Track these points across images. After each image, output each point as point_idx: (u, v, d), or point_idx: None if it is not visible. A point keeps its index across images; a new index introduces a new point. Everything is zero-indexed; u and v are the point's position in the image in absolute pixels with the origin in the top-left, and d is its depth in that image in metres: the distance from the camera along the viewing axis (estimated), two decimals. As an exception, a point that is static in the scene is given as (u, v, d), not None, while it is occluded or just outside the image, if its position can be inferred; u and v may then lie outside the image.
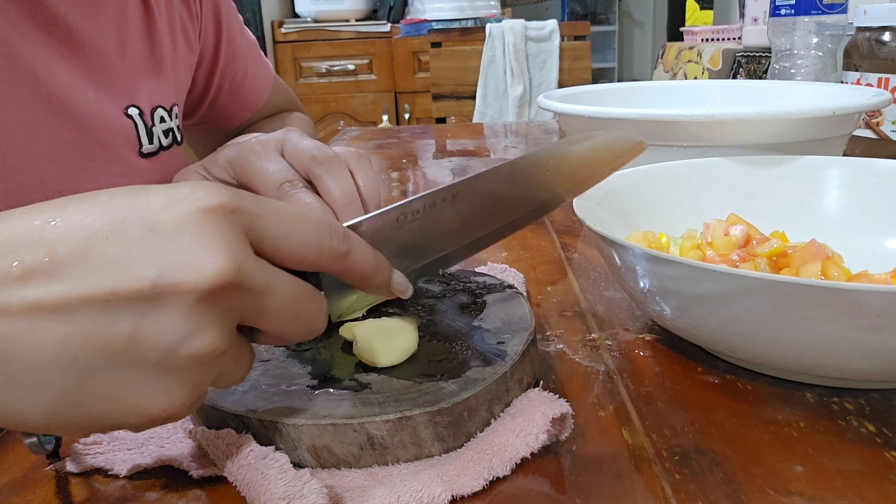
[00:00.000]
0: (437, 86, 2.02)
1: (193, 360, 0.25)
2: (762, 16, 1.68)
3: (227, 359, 0.27)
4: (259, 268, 0.26)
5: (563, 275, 0.54)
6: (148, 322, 0.24)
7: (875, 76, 0.88)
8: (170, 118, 0.60)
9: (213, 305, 0.25)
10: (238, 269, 0.25)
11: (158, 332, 0.24)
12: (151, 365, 0.24)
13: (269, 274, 0.27)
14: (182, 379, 0.25)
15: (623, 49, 4.68)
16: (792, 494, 0.29)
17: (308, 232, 0.28)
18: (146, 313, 0.24)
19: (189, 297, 0.24)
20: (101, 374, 0.24)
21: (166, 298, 0.24)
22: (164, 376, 0.25)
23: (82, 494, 0.31)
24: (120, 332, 0.24)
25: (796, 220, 0.51)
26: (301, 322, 0.28)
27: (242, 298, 0.26)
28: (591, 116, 0.61)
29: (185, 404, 0.26)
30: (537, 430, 0.30)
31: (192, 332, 0.24)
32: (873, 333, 0.30)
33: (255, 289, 0.26)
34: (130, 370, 0.24)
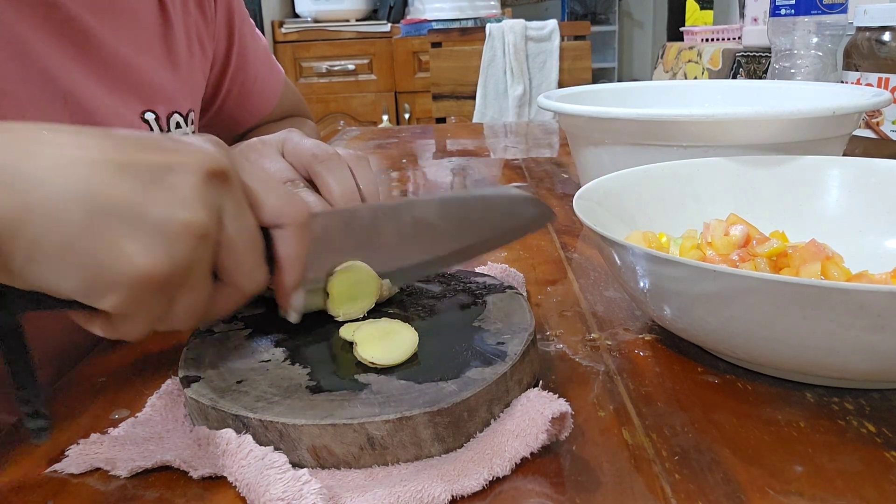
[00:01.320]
0: (437, 86, 2.02)
1: (186, 228, 0.29)
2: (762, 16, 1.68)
3: (202, 258, 0.30)
4: (239, 183, 0.32)
5: (563, 275, 0.54)
6: (157, 186, 0.29)
7: (875, 76, 0.88)
8: (186, 124, 0.60)
9: (211, 190, 0.30)
10: (228, 165, 0.31)
11: (163, 196, 0.29)
12: (150, 223, 0.28)
13: (243, 197, 0.32)
14: (170, 246, 0.29)
15: (623, 49, 4.68)
16: (792, 494, 0.29)
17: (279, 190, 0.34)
18: (157, 179, 0.29)
19: (195, 176, 0.29)
20: (108, 218, 0.28)
21: (176, 172, 0.29)
22: (157, 238, 0.28)
23: (82, 494, 0.31)
24: (132, 189, 0.28)
25: (796, 220, 0.51)
26: (250, 258, 0.33)
27: (225, 197, 0.31)
28: (591, 116, 0.61)
29: (163, 272, 0.29)
30: (537, 430, 0.30)
31: (190, 204, 0.29)
32: (873, 333, 0.30)
33: (235, 193, 0.32)
34: (131, 223, 0.28)
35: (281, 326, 0.40)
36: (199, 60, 0.65)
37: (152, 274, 0.28)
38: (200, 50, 0.65)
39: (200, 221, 0.29)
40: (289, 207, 0.34)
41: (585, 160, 0.68)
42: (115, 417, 0.36)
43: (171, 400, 0.37)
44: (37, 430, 0.31)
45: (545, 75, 2.01)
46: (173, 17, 0.60)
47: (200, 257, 0.30)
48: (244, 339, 0.39)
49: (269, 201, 0.34)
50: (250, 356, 0.37)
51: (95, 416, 0.37)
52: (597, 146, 0.64)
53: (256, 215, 0.33)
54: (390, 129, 1.45)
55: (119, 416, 0.36)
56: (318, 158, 0.44)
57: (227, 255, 0.32)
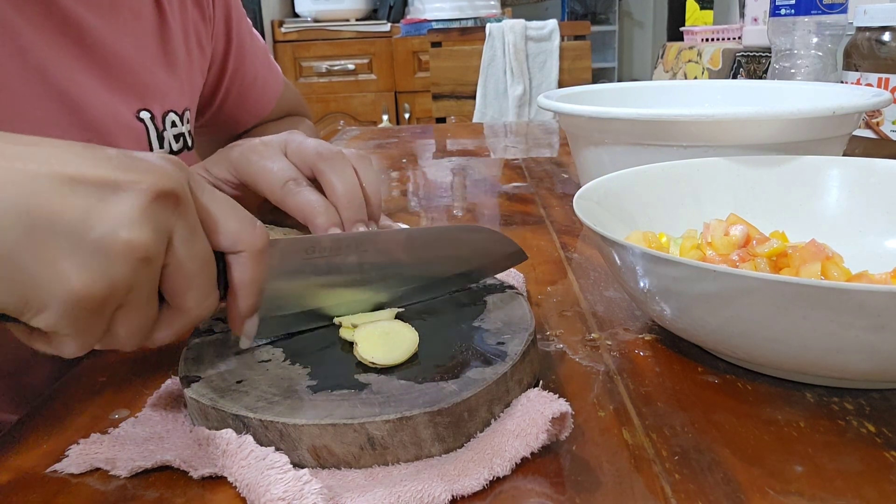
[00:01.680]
0: (437, 85, 2.02)
1: (127, 249, 0.28)
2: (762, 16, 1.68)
3: (145, 280, 0.29)
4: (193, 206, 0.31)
5: (563, 275, 0.54)
6: (102, 204, 0.28)
7: (875, 76, 0.88)
8: (181, 123, 0.60)
9: (159, 212, 0.29)
10: (180, 187, 0.30)
11: (107, 214, 0.28)
12: (90, 241, 0.28)
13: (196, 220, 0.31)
14: (108, 267, 0.28)
15: (623, 49, 4.68)
16: (792, 494, 0.29)
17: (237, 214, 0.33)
18: (104, 197, 0.28)
19: (143, 196, 0.29)
20: (47, 234, 0.27)
21: (124, 190, 0.28)
22: (95, 257, 0.28)
23: (82, 494, 0.31)
24: (75, 206, 0.27)
25: (796, 220, 0.51)
26: (200, 282, 0.32)
27: (175, 219, 0.30)
28: (591, 116, 0.61)
29: (100, 292, 0.28)
30: (537, 430, 0.30)
31: (134, 223, 0.28)
32: (873, 333, 0.30)
33: (188, 216, 0.31)
34: (71, 240, 0.27)
35: (280, 326, 0.40)
36: (197, 60, 0.65)
37: (88, 294, 0.28)
38: (199, 49, 0.65)
39: (143, 243, 0.28)
40: (247, 233, 0.33)
41: (585, 160, 0.68)
42: (115, 417, 0.36)
43: (171, 400, 0.37)
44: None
45: (545, 75, 2.01)
46: (170, 17, 0.60)
47: (142, 279, 0.29)
48: (244, 339, 0.39)
49: (227, 226, 0.33)
50: (250, 356, 0.37)
51: (95, 416, 0.37)
52: (597, 146, 0.64)
53: (213, 239, 0.33)
54: (390, 128, 1.45)
55: (119, 416, 0.36)
56: (323, 157, 0.44)
57: (176, 279, 0.31)
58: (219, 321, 0.41)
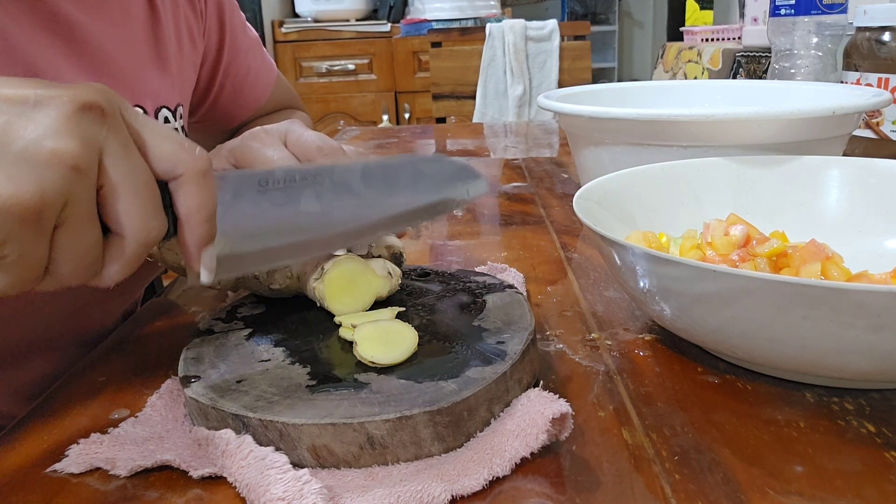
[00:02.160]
0: (437, 86, 2.02)
1: (52, 156, 0.27)
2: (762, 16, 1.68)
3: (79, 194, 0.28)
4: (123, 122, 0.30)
5: (563, 275, 0.54)
6: (23, 119, 0.27)
7: (875, 76, 0.88)
8: (174, 118, 0.60)
9: (84, 123, 0.28)
10: (105, 101, 0.29)
11: (29, 126, 0.27)
12: (14, 153, 0.27)
13: (129, 137, 0.30)
14: (37, 174, 0.27)
15: (623, 49, 4.68)
16: (792, 494, 0.29)
17: (174, 138, 0.32)
18: (23, 113, 0.27)
19: (66, 107, 0.28)
20: None
21: (45, 104, 0.28)
22: (20, 164, 0.27)
23: (82, 494, 0.31)
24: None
25: (796, 220, 0.51)
26: (138, 202, 0.30)
27: (108, 133, 0.29)
28: (591, 116, 0.61)
29: (31, 201, 0.27)
30: (537, 430, 0.30)
31: (59, 132, 0.27)
32: (873, 333, 0.30)
33: (117, 129, 0.30)
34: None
35: (281, 326, 0.40)
36: (189, 54, 0.65)
37: (19, 202, 0.26)
38: (190, 44, 0.65)
39: (71, 150, 0.27)
40: (184, 154, 0.32)
41: (585, 160, 0.68)
42: (115, 417, 0.36)
43: (171, 400, 0.37)
44: None
45: (545, 75, 2.01)
46: (162, 12, 0.60)
47: (76, 192, 0.28)
48: (244, 339, 0.39)
49: (163, 148, 0.31)
50: (250, 356, 0.37)
51: (95, 416, 0.37)
52: (597, 146, 0.64)
53: (148, 164, 0.31)
54: (390, 128, 1.45)
55: (119, 416, 0.36)
56: (323, 151, 0.44)
57: (113, 199, 0.30)
58: (218, 321, 0.41)
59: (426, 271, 0.47)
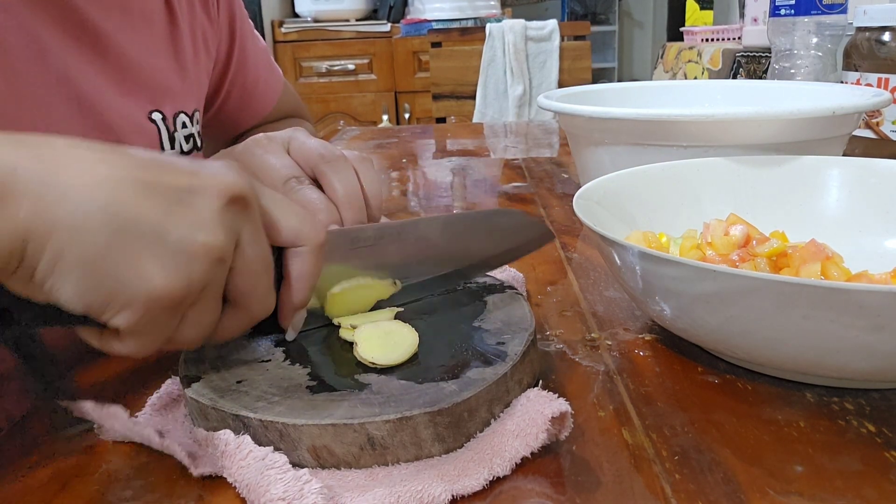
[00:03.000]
0: (437, 86, 2.02)
1: (203, 250, 0.29)
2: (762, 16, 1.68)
3: (216, 280, 0.31)
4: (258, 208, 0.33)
5: (563, 275, 0.54)
6: (181, 208, 0.29)
7: (875, 76, 0.88)
8: (191, 124, 0.61)
9: (230, 215, 0.31)
10: (248, 190, 0.32)
11: (185, 217, 0.29)
12: (171, 243, 0.29)
13: (260, 221, 0.33)
14: (186, 267, 0.29)
15: (623, 49, 4.68)
16: (792, 494, 0.29)
17: (298, 213, 0.35)
18: (180, 200, 0.30)
19: (217, 200, 0.30)
20: (130, 235, 0.28)
21: (198, 195, 0.30)
22: (175, 258, 0.29)
23: (82, 494, 0.31)
24: (155, 208, 0.29)
25: (796, 220, 0.51)
26: (261, 281, 0.33)
27: (243, 221, 0.31)
28: (591, 116, 0.61)
29: (178, 292, 0.29)
30: (537, 429, 0.30)
31: (210, 227, 0.30)
32: (873, 333, 0.30)
33: (253, 218, 0.32)
34: (153, 241, 0.29)
35: (281, 327, 0.40)
36: (203, 61, 0.65)
37: (169, 293, 0.29)
38: (205, 50, 0.65)
39: (219, 244, 0.30)
40: (308, 229, 0.35)
41: (585, 160, 0.68)
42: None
43: (171, 400, 0.37)
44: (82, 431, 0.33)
45: (545, 75, 2.01)
46: (180, 18, 0.60)
47: (215, 279, 0.31)
48: (244, 339, 0.39)
49: (289, 222, 0.34)
50: (250, 356, 0.37)
51: (95, 416, 0.37)
52: (597, 146, 0.64)
53: (274, 236, 0.34)
54: (390, 128, 1.45)
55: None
56: (325, 159, 0.45)
57: (241, 279, 0.32)
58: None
59: (426, 271, 0.47)
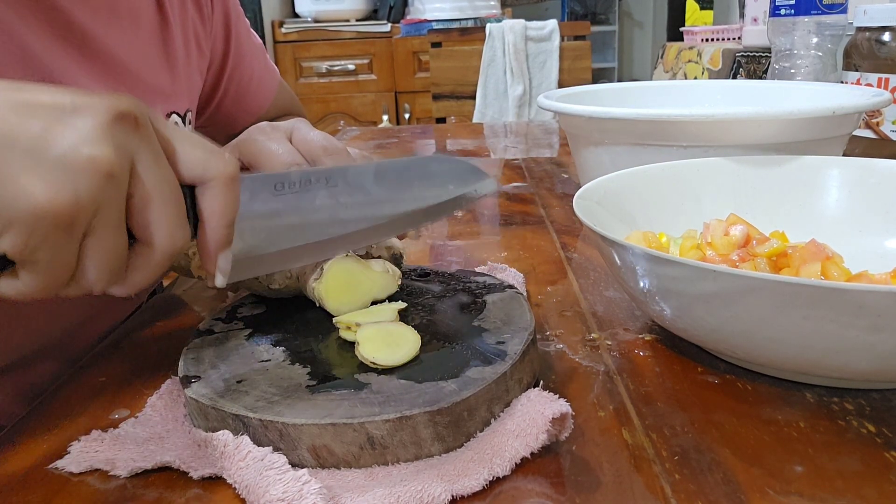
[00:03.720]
0: (437, 86, 2.02)
1: (88, 163, 0.28)
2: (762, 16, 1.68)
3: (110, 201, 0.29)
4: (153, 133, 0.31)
5: (563, 275, 0.54)
6: (61, 125, 0.28)
7: (875, 76, 0.88)
8: (184, 123, 0.61)
9: (119, 132, 0.29)
10: (138, 110, 0.30)
11: (67, 132, 0.28)
12: (52, 157, 0.27)
13: (159, 147, 0.31)
14: (73, 180, 0.27)
15: (623, 49, 4.68)
16: (792, 494, 0.29)
17: (204, 145, 0.33)
18: (62, 119, 0.28)
19: (102, 115, 0.28)
20: (6, 152, 0.27)
21: (82, 111, 0.28)
22: (58, 170, 0.27)
23: (82, 494, 0.31)
24: (34, 126, 0.27)
25: (796, 220, 0.51)
26: (168, 212, 0.31)
27: (136, 140, 0.30)
28: (591, 116, 0.61)
29: (63, 206, 0.27)
30: (537, 430, 0.30)
31: (95, 139, 0.28)
32: (873, 333, 0.30)
33: (148, 138, 0.30)
34: (32, 157, 0.27)
35: (281, 326, 0.40)
36: (196, 60, 0.65)
37: (55, 208, 0.27)
38: (197, 50, 0.65)
39: (106, 157, 0.28)
40: (214, 160, 0.32)
41: (585, 160, 0.68)
42: (115, 417, 0.36)
43: (171, 400, 0.37)
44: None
45: (545, 75, 2.01)
46: (171, 18, 0.60)
47: (109, 199, 0.29)
48: (244, 339, 0.39)
49: (194, 154, 0.32)
50: (250, 356, 0.37)
51: (95, 416, 0.37)
52: (597, 146, 0.64)
53: (179, 170, 0.32)
54: (390, 128, 1.45)
55: (119, 416, 0.36)
56: (328, 151, 0.44)
57: (143, 208, 0.30)
58: (218, 321, 0.41)
59: (426, 271, 0.47)
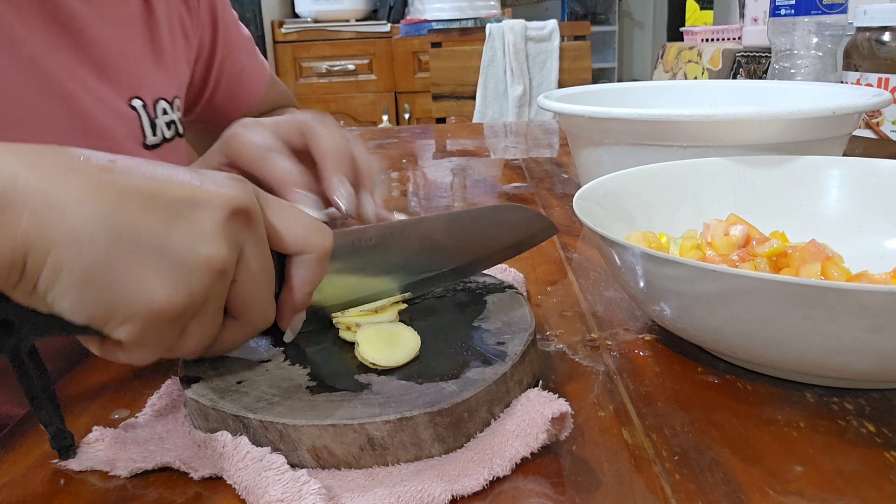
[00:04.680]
0: (437, 86, 2.02)
1: (206, 263, 0.29)
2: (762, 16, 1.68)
3: (219, 292, 0.31)
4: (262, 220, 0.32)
5: (563, 275, 0.54)
6: (182, 220, 0.29)
7: (875, 76, 0.88)
8: (172, 110, 0.61)
9: (233, 228, 0.30)
10: (251, 203, 0.31)
11: (187, 230, 0.29)
12: (172, 256, 0.29)
13: (264, 233, 0.32)
14: (188, 280, 0.29)
15: (623, 49, 4.68)
16: (792, 494, 0.29)
17: (304, 221, 0.34)
18: (183, 213, 0.29)
19: (220, 212, 0.30)
20: (131, 248, 0.28)
21: (201, 207, 0.30)
22: (177, 271, 0.29)
23: (82, 494, 0.31)
24: (157, 221, 0.29)
25: (796, 220, 0.51)
26: (262, 293, 0.33)
27: (246, 234, 0.31)
28: (591, 116, 0.61)
29: (180, 305, 0.29)
30: (537, 430, 0.30)
31: (212, 240, 0.29)
32: (873, 333, 0.30)
33: (257, 230, 0.32)
34: (154, 254, 0.28)
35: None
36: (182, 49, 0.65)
37: (170, 307, 0.29)
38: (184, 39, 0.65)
39: (221, 258, 0.30)
40: (313, 236, 0.34)
41: (585, 160, 0.68)
42: (115, 417, 0.36)
43: (171, 400, 0.37)
44: (63, 449, 0.32)
45: (545, 75, 2.01)
46: (156, 6, 0.60)
47: (216, 292, 0.30)
48: (244, 340, 0.39)
49: (295, 231, 0.34)
50: (250, 356, 0.37)
51: (95, 416, 0.37)
52: (597, 146, 0.64)
53: (280, 245, 0.34)
54: (390, 129, 1.45)
55: (119, 416, 0.36)
56: (317, 119, 0.46)
57: (243, 292, 0.32)
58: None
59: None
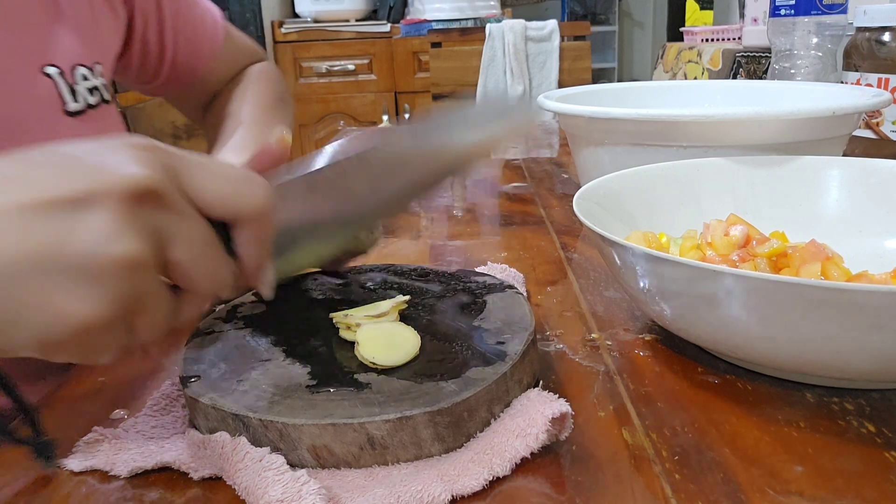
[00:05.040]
0: (437, 86, 2.02)
1: (116, 264, 0.26)
2: (762, 16, 1.68)
3: (148, 285, 0.28)
4: (178, 194, 0.28)
5: (563, 275, 0.54)
6: (75, 227, 0.25)
7: (875, 76, 0.88)
8: (93, 76, 0.59)
9: (134, 214, 0.26)
10: (157, 182, 0.27)
11: (84, 236, 0.25)
12: (76, 269, 0.25)
13: (185, 205, 0.29)
14: (104, 287, 0.26)
15: (623, 49, 4.68)
16: (792, 494, 0.29)
17: (230, 177, 0.30)
18: (75, 216, 0.25)
19: (113, 203, 0.26)
20: (29, 281, 0.25)
21: (94, 203, 0.26)
22: (87, 282, 0.26)
23: (82, 494, 0.31)
24: (48, 238, 0.25)
25: (796, 220, 0.51)
26: (208, 265, 0.29)
27: (161, 215, 0.27)
28: (591, 116, 0.61)
29: (106, 315, 0.26)
30: (537, 430, 0.30)
31: (115, 236, 0.26)
32: (873, 333, 0.30)
33: (173, 207, 0.28)
34: (57, 276, 0.25)
35: (281, 326, 0.40)
36: (106, 18, 0.63)
37: (94, 320, 0.26)
38: (108, 8, 0.64)
39: (133, 252, 0.26)
40: (242, 195, 0.30)
41: (585, 160, 0.68)
42: (115, 417, 0.36)
43: (171, 400, 0.37)
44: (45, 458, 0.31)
45: (545, 75, 2.01)
46: None
47: (144, 284, 0.27)
48: (244, 339, 0.39)
49: (220, 192, 0.30)
50: (250, 356, 0.37)
51: (95, 416, 0.37)
52: (597, 146, 0.64)
53: (208, 213, 0.30)
54: (390, 129, 1.45)
55: (119, 416, 0.36)
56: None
57: (179, 270, 0.29)
58: (218, 321, 0.41)
59: (426, 271, 0.47)
